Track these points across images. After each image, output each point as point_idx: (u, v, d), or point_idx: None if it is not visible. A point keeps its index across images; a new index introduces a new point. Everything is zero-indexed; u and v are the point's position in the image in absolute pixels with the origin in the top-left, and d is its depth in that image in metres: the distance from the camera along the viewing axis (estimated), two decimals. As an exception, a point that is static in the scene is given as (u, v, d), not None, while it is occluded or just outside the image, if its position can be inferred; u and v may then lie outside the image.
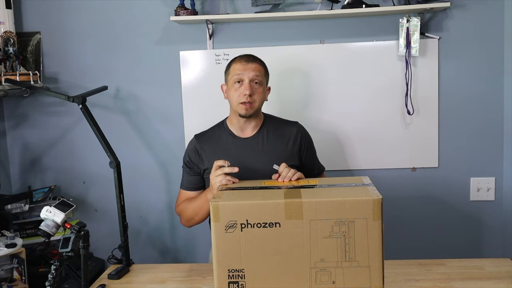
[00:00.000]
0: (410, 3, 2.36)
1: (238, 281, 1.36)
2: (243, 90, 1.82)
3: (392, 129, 2.53)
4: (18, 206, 2.45)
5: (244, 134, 1.92)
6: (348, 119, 2.54)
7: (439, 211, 2.59)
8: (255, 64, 1.87)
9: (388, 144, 2.54)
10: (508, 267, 1.75)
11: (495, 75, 2.48)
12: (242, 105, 1.83)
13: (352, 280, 1.34)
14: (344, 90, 2.52)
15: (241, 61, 1.87)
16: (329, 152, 2.13)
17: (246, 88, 1.82)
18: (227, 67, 1.93)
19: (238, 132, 1.92)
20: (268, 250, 1.35)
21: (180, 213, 1.96)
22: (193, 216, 1.88)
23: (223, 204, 1.35)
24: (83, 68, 2.61)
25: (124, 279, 1.83)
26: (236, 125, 1.92)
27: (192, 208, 1.87)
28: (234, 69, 1.87)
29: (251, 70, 1.84)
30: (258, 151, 1.89)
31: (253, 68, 1.85)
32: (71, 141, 2.66)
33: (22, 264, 2.27)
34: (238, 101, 1.83)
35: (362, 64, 2.49)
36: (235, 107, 1.86)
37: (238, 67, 1.86)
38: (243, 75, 1.83)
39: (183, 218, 1.94)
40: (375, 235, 1.32)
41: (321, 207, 1.32)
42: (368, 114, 2.52)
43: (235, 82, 1.84)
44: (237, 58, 1.91)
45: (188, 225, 1.94)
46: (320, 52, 2.51)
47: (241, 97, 1.82)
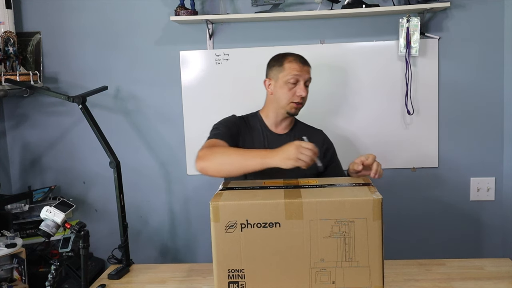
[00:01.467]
0: (410, 3, 2.36)
1: (238, 281, 1.36)
2: (299, 92, 1.83)
3: (392, 129, 2.53)
4: (18, 206, 2.45)
5: (278, 130, 1.93)
6: (348, 119, 2.54)
7: (439, 211, 2.59)
8: (308, 67, 1.89)
9: (388, 144, 2.54)
10: (508, 267, 1.76)
11: (495, 75, 2.48)
12: (293, 104, 1.85)
13: (352, 280, 1.34)
14: (344, 90, 2.52)
15: (298, 61, 1.86)
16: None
17: (303, 90, 1.83)
18: (278, 63, 1.88)
19: (272, 127, 1.93)
20: (268, 250, 1.35)
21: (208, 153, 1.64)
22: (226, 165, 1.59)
23: (223, 204, 1.35)
24: (83, 68, 2.61)
25: (124, 279, 1.83)
26: (272, 120, 1.92)
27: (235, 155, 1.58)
28: (290, 68, 1.84)
29: (306, 73, 1.86)
30: None
31: (307, 70, 1.87)
32: (71, 141, 2.66)
33: (22, 264, 2.27)
34: (291, 100, 1.84)
35: (362, 64, 2.49)
36: (285, 105, 1.86)
37: (295, 67, 1.84)
38: (300, 76, 1.84)
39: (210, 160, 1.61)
40: (375, 235, 1.32)
41: (321, 207, 1.32)
42: (368, 114, 2.52)
43: (289, 81, 1.84)
44: (291, 57, 1.88)
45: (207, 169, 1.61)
46: (320, 52, 2.51)
47: (294, 98, 1.84)
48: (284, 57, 1.89)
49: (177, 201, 2.68)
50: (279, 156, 1.48)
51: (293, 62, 1.85)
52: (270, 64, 1.93)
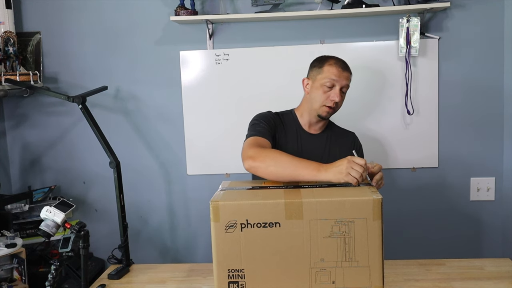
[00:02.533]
0: (410, 3, 2.36)
1: (238, 281, 1.36)
2: (332, 96, 1.83)
3: (392, 129, 2.53)
4: (18, 206, 2.45)
5: (311, 130, 1.93)
6: (348, 119, 2.53)
7: (439, 211, 2.59)
8: (348, 73, 1.88)
9: (388, 144, 2.54)
10: (508, 267, 1.76)
11: (495, 75, 2.48)
12: (325, 107, 1.84)
13: (352, 280, 1.34)
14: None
15: (337, 66, 1.85)
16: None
17: (337, 95, 1.82)
18: (319, 64, 1.88)
19: (306, 126, 1.93)
20: (268, 250, 1.35)
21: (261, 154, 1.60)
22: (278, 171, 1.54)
23: (223, 204, 1.35)
24: (83, 68, 2.61)
25: (124, 279, 1.83)
26: (306, 119, 1.92)
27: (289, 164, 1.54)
28: (328, 72, 1.84)
29: (344, 79, 1.85)
30: (322, 150, 1.91)
31: (346, 76, 1.86)
32: (71, 141, 2.66)
33: (22, 264, 2.27)
34: (324, 103, 1.84)
35: (362, 64, 2.49)
36: (318, 107, 1.86)
37: (334, 72, 1.84)
38: (337, 82, 1.83)
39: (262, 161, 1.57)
40: (375, 235, 1.32)
41: (321, 207, 1.32)
42: (368, 114, 2.52)
43: (325, 84, 1.83)
44: (332, 60, 1.87)
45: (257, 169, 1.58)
46: (320, 52, 2.48)
47: (328, 101, 1.83)
48: (326, 60, 1.88)
49: (177, 201, 2.68)
50: (332, 171, 1.46)
51: (333, 66, 1.85)
52: (312, 64, 1.93)
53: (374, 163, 1.58)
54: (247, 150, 1.64)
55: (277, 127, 1.87)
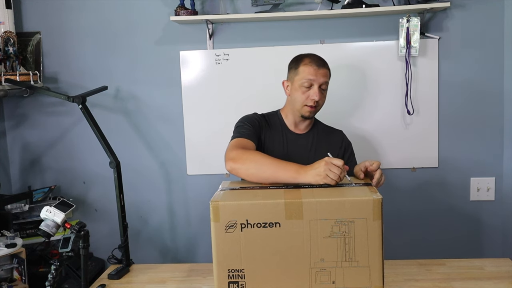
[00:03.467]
0: (410, 3, 2.36)
1: (238, 281, 1.36)
2: (312, 95, 1.83)
3: (392, 129, 2.53)
4: (18, 206, 2.45)
5: (297, 130, 1.95)
6: (348, 119, 2.54)
7: (439, 211, 2.59)
8: (325, 69, 1.87)
9: (388, 144, 2.54)
10: (508, 267, 1.75)
11: (495, 75, 2.48)
12: (307, 107, 1.85)
13: (352, 280, 1.34)
14: (344, 90, 2.52)
15: (313, 65, 1.85)
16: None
17: (316, 94, 1.83)
18: (295, 65, 1.89)
19: (292, 126, 1.95)
20: (268, 250, 1.35)
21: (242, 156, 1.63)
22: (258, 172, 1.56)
23: (223, 204, 1.35)
24: (83, 68, 2.61)
25: (124, 279, 1.83)
26: (291, 120, 1.94)
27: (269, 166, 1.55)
28: (304, 72, 1.85)
29: (322, 76, 1.85)
30: (308, 149, 1.92)
31: (323, 74, 1.85)
32: (71, 141, 2.66)
33: (22, 264, 2.27)
34: (304, 103, 1.85)
35: (362, 64, 2.49)
36: (300, 108, 1.87)
37: (309, 71, 1.84)
38: (314, 80, 1.83)
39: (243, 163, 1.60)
40: (375, 235, 1.32)
41: (321, 207, 1.32)
42: (368, 114, 2.52)
43: (303, 85, 1.84)
44: (307, 59, 1.87)
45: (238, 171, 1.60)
46: (320, 52, 2.48)
47: (308, 101, 1.84)
48: (301, 59, 1.89)
49: (177, 201, 2.68)
50: (311, 173, 1.47)
51: (308, 66, 1.85)
52: (289, 65, 1.94)
53: (372, 161, 1.58)
54: (229, 152, 1.67)
55: (262, 128, 1.89)
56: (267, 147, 1.88)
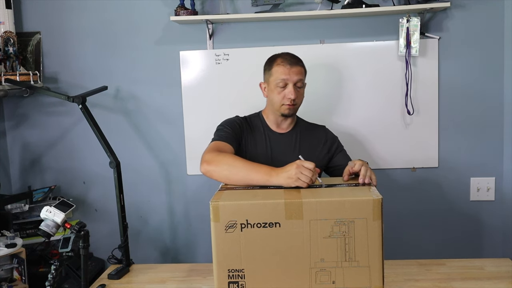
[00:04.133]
0: (410, 3, 2.36)
1: (238, 281, 1.36)
2: (287, 94, 1.85)
3: (392, 129, 2.53)
4: (18, 206, 2.45)
5: (280, 129, 1.97)
6: (348, 119, 2.54)
7: (439, 211, 2.59)
8: (298, 67, 1.88)
9: (388, 144, 2.54)
10: (508, 267, 1.76)
11: (495, 75, 2.48)
12: (285, 106, 1.88)
13: (352, 280, 1.34)
14: (344, 90, 2.52)
15: (285, 64, 1.86)
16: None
17: (291, 93, 1.85)
18: (269, 67, 1.92)
19: (274, 126, 1.97)
20: (268, 250, 1.35)
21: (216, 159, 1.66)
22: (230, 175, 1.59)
23: (223, 204, 1.35)
24: (83, 68, 2.61)
25: (124, 279, 1.83)
26: (273, 120, 1.96)
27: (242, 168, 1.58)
28: (277, 72, 1.87)
29: (295, 75, 1.86)
30: (291, 147, 1.94)
31: (296, 72, 1.86)
32: (71, 141, 2.66)
33: (22, 264, 2.27)
34: (282, 103, 1.87)
35: (362, 64, 2.49)
36: (278, 107, 1.90)
37: (282, 71, 1.86)
38: (288, 80, 1.85)
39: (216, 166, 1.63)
40: (375, 235, 1.32)
41: (321, 207, 1.32)
42: (368, 114, 2.52)
43: (278, 85, 1.86)
44: (279, 59, 1.89)
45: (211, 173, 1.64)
46: (320, 52, 2.51)
47: (285, 100, 1.86)
48: (274, 60, 1.91)
49: (177, 201, 2.68)
50: (282, 176, 1.48)
51: (281, 66, 1.87)
52: (264, 67, 1.97)
53: (354, 162, 1.57)
54: (204, 154, 1.71)
55: (243, 131, 1.91)
56: (250, 149, 1.90)
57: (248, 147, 1.91)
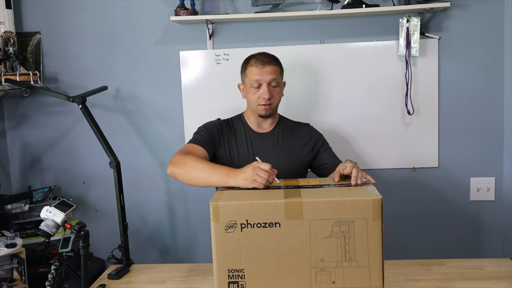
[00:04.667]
0: (410, 3, 2.36)
1: (238, 281, 1.36)
2: (262, 94, 1.87)
3: (392, 129, 2.53)
4: (18, 206, 2.45)
5: (261, 129, 1.98)
6: (348, 119, 2.54)
7: (439, 211, 2.59)
8: (271, 66, 1.88)
9: (388, 144, 2.54)
10: (508, 267, 1.76)
11: (495, 75, 2.48)
12: (261, 106, 1.89)
13: (352, 280, 1.34)
14: (344, 90, 2.52)
15: (258, 64, 1.88)
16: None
17: (265, 93, 1.86)
18: (243, 68, 1.95)
19: (255, 127, 1.98)
20: (268, 250, 1.35)
21: (180, 161, 1.71)
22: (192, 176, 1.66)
23: (223, 204, 1.35)
24: (83, 68, 2.61)
25: (124, 279, 1.83)
26: (253, 121, 1.98)
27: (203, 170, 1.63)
28: (251, 73, 1.89)
29: (268, 74, 1.87)
30: (273, 147, 1.95)
31: (269, 71, 1.87)
32: (71, 141, 2.66)
33: (22, 264, 2.27)
34: (257, 103, 1.89)
35: (362, 64, 2.49)
36: (255, 108, 1.92)
37: (255, 71, 1.87)
38: (261, 80, 1.86)
39: (180, 167, 1.69)
40: (375, 235, 1.32)
41: (321, 207, 1.32)
42: (368, 114, 2.52)
43: (252, 86, 1.88)
44: (252, 60, 1.91)
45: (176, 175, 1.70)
46: (320, 52, 2.51)
47: (260, 100, 1.88)
48: (248, 61, 1.93)
49: (177, 201, 2.68)
50: (239, 177, 1.52)
51: (254, 66, 1.88)
52: (240, 69, 1.98)
53: (345, 164, 1.57)
54: (173, 157, 1.74)
55: (223, 134, 1.94)
56: (232, 151, 1.92)
57: (230, 149, 1.93)
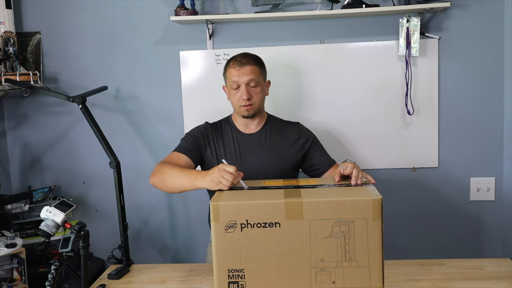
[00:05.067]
0: (410, 3, 2.36)
1: (238, 281, 1.36)
2: (241, 95, 1.88)
3: (392, 129, 2.53)
4: (18, 206, 2.45)
5: (248, 130, 1.99)
6: (348, 119, 2.54)
7: (439, 211, 2.59)
8: (249, 66, 1.89)
9: (388, 144, 2.54)
10: (508, 267, 1.76)
11: (495, 75, 2.48)
12: (243, 107, 1.90)
13: (352, 280, 1.34)
14: (344, 90, 2.52)
15: (235, 66, 1.90)
16: (329, 152, 2.15)
17: (244, 93, 1.88)
18: (224, 71, 1.98)
19: (242, 128, 1.99)
20: (268, 250, 1.35)
21: (159, 170, 1.78)
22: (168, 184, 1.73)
23: (223, 204, 1.35)
24: (83, 68, 2.61)
25: (124, 279, 1.83)
26: (240, 122, 1.99)
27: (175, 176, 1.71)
28: (230, 75, 1.91)
29: (245, 75, 1.88)
30: (262, 147, 1.95)
31: (247, 72, 1.88)
32: (71, 141, 2.66)
33: (22, 264, 2.27)
34: (239, 104, 1.90)
35: (362, 64, 2.49)
36: (237, 109, 1.94)
37: (233, 73, 1.90)
38: (239, 81, 1.88)
39: (158, 177, 1.76)
40: (375, 235, 1.32)
41: (321, 207, 1.32)
42: (368, 114, 2.52)
43: (232, 88, 1.90)
44: (231, 62, 1.93)
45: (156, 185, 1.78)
46: (320, 52, 2.51)
47: (241, 101, 1.89)
48: (227, 64, 1.95)
49: (177, 201, 2.68)
50: (206, 179, 1.56)
51: (231, 68, 1.91)
52: (223, 71, 2.00)
53: (346, 165, 1.58)
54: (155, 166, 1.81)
55: (209, 138, 1.96)
56: (219, 154, 1.94)
57: (217, 152, 1.94)
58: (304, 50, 2.51)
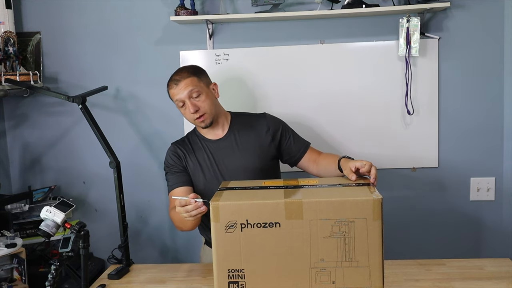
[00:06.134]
0: (410, 3, 2.36)
1: (238, 281, 1.36)
2: (189, 110, 1.87)
3: (392, 129, 2.53)
4: (18, 206, 2.45)
5: (216, 136, 1.97)
6: (348, 119, 2.54)
7: (439, 211, 2.59)
8: (184, 80, 1.86)
9: (388, 144, 2.54)
10: (508, 267, 1.76)
11: (495, 75, 2.48)
12: (197, 120, 1.89)
13: (352, 280, 1.34)
14: (344, 90, 2.51)
15: (172, 85, 1.88)
16: (329, 152, 2.15)
17: (190, 107, 1.86)
18: (168, 94, 1.94)
19: (210, 136, 1.97)
20: (268, 250, 1.35)
21: (172, 220, 1.88)
22: (184, 228, 1.83)
23: (223, 204, 1.35)
24: (83, 68, 2.61)
25: (124, 279, 1.83)
26: (206, 131, 1.97)
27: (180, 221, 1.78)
28: (172, 96, 1.90)
29: (184, 89, 1.85)
30: (234, 148, 1.94)
31: (183, 86, 1.86)
32: (71, 141, 2.66)
33: (22, 264, 2.27)
34: (192, 118, 1.89)
35: (362, 64, 2.49)
36: (194, 123, 1.94)
37: (172, 93, 1.89)
38: (181, 98, 1.86)
39: (176, 226, 1.88)
40: (375, 235, 1.32)
41: (321, 207, 1.32)
42: (368, 114, 2.52)
43: (179, 106, 1.90)
44: (169, 83, 1.91)
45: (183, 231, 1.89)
46: (320, 52, 2.51)
47: (191, 116, 1.88)
48: (167, 85, 1.92)
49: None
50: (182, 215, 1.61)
51: (171, 89, 1.89)
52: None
53: (364, 162, 1.57)
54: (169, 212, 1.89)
55: (182, 158, 1.94)
56: (195, 168, 1.93)
57: (193, 166, 1.93)
58: (304, 50, 2.51)
